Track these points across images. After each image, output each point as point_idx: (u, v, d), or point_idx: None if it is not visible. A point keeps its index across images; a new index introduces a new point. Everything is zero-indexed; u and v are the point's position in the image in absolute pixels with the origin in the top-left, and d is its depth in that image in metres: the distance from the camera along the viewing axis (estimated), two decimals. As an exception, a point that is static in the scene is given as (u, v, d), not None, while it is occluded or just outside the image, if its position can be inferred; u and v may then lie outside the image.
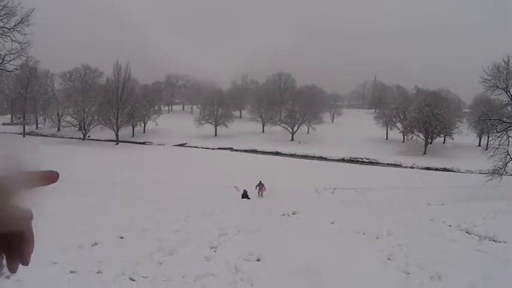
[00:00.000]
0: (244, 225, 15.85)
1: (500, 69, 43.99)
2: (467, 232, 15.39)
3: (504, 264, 11.15)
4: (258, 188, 39.39)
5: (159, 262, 10.98)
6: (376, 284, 9.91)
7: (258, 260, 11.45)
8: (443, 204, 26.49)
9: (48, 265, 10.46)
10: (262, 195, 38.71)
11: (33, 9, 43.45)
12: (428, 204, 27.74)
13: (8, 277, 4.37)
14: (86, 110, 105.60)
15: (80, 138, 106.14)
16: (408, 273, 10.57)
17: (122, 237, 13.67)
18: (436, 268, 10.53)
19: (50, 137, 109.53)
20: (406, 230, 16.01)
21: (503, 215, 19.05)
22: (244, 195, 35.62)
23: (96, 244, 12.66)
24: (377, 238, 14.52)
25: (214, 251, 12.30)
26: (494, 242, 13.65)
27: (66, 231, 14.02)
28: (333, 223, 17.31)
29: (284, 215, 19.56)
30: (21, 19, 42.83)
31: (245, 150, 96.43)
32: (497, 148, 42.80)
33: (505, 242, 13.46)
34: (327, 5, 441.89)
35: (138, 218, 17.50)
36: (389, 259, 11.94)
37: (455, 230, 15.98)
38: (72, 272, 10.03)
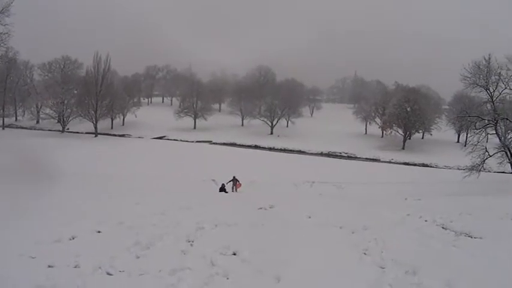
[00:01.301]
0: (221, 219, 15.81)
1: (480, 67, 44.34)
2: (443, 227, 15.56)
3: (480, 260, 11.26)
4: (231, 183, 38.78)
5: (136, 256, 11.04)
6: (352, 278, 10.01)
7: (234, 254, 11.53)
8: (420, 199, 26.66)
9: (27, 259, 10.55)
10: (236, 191, 38.50)
11: (14, 0, 42.93)
12: (406, 199, 27.92)
13: None
14: (65, 102, 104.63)
15: (59, 131, 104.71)
16: (383, 268, 10.70)
17: (99, 231, 13.74)
18: (411, 263, 10.67)
19: (29, 129, 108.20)
20: (382, 224, 16.10)
21: (479, 211, 19.26)
22: (222, 189, 35.57)
23: (73, 238, 12.76)
24: (353, 232, 14.62)
25: (191, 245, 12.33)
26: (470, 238, 13.81)
27: (43, 225, 14.16)
28: (310, 217, 17.38)
29: (261, 208, 19.58)
30: (2, 9, 42.28)
31: (224, 144, 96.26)
32: (475, 145, 43.17)
33: (480, 238, 13.64)
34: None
35: (116, 212, 17.54)
36: (365, 253, 12.06)
37: (431, 225, 16.12)
38: (50, 266, 10.10)
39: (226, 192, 34.67)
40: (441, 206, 21.95)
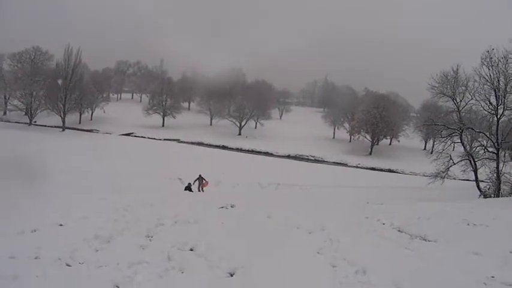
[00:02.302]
0: (182, 216, 16.08)
1: (448, 77, 44.93)
2: (399, 230, 15.94)
3: (429, 262, 11.63)
4: (197, 182, 38.10)
5: (95, 249, 11.24)
6: (304, 275, 10.36)
7: (191, 250, 11.79)
8: (382, 204, 27.11)
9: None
10: (202, 190, 38.10)
11: None
12: (367, 202, 28.39)
13: None
14: (34, 94, 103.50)
15: (26, 123, 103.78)
16: (335, 266, 11.07)
17: (61, 225, 13.88)
18: (362, 263, 11.02)
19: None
20: (339, 226, 16.50)
21: (437, 216, 19.61)
22: (188, 187, 35.63)
23: (35, 231, 12.84)
24: (310, 233, 15.01)
25: (150, 240, 12.59)
26: (424, 241, 14.19)
27: (6, 218, 14.11)
28: (269, 217, 17.73)
29: (223, 207, 19.91)
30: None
31: (192, 143, 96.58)
32: (440, 152, 43.80)
33: (435, 242, 14.01)
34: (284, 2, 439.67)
35: (80, 206, 17.63)
36: (318, 253, 12.44)
37: (388, 228, 16.55)
38: (11, 257, 10.22)
39: (192, 191, 34.75)
40: (401, 211, 22.40)
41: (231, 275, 9.97)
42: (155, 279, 9.39)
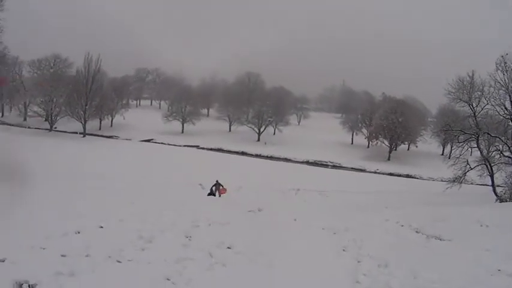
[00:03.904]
0: (214, 219, 17.11)
1: (464, 82, 45.22)
2: (416, 231, 17.13)
3: (444, 257, 12.87)
4: (214, 188, 37.38)
5: (141, 248, 12.28)
6: (332, 268, 11.47)
7: (229, 248, 12.76)
8: (400, 208, 27.70)
9: (38, 250, 11.57)
10: (220, 195, 36.97)
11: None
12: (386, 207, 28.99)
13: (2, 260, 6.02)
14: (54, 100, 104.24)
15: (47, 129, 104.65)
16: (359, 262, 12.15)
17: (101, 227, 14.86)
18: (384, 258, 12.19)
19: (16, 126, 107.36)
20: (361, 227, 17.46)
21: (452, 219, 20.52)
22: (211, 193, 36.02)
23: (78, 232, 13.91)
24: (334, 233, 15.97)
25: (190, 240, 13.62)
26: (439, 240, 15.34)
27: (47, 221, 15.08)
28: (295, 219, 18.59)
29: (251, 211, 20.67)
30: (-5, 4, 42.35)
31: (211, 149, 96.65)
32: (458, 157, 44.01)
33: (449, 240, 15.04)
34: (300, 5, 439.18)
35: (114, 210, 18.59)
36: (344, 250, 13.54)
37: (406, 229, 17.76)
38: (62, 255, 11.10)
39: (215, 196, 35.22)
40: (419, 214, 23.06)
41: (270, 267, 10.98)
42: (203, 272, 10.35)
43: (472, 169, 43.48)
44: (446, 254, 13.13)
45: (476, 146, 44.23)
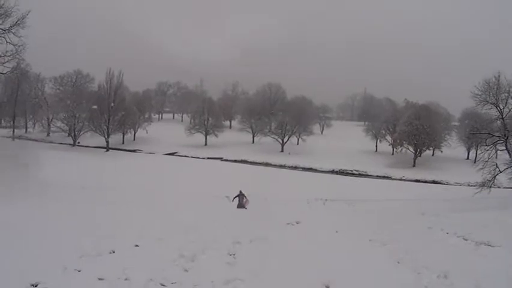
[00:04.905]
0: (254, 234, 16.44)
1: (490, 84, 44.84)
2: (464, 239, 16.70)
3: (502, 265, 12.37)
4: (237, 198, 35.77)
5: (183, 269, 11.58)
6: (393, 281, 10.89)
7: (277, 267, 12.05)
8: (437, 215, 27.12)
9: (73, 273, 10.97)
10: (245, 207, 35.14)
11: (29, 11, 43.37)
12: (423, 214, 28.40)
13: (35, 285, 5.27)
14: (77, 115, 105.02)
15: (70, 144, 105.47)
16: (419, 273, 11.64)
17: (137, 245, 14.17)
18: (441, 268, 11.71)
19: (40, 141, 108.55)
20: (408, 237, 17.00)
21: (494, 223, 20.45)
22: (240, 205, 35.32)
23: (113, 252, 13.22)
24: (384, 245, 15.34)
25: (234, 258, 12.95)
26: (490, 247, 14.88)
27: (79, 239, 14.46)
28: (337, 232, 17.98)
29: (289, 224, 20.06)
30: (17, 21, 42.72)
31: (235, 161, 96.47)
32: (486, 161, 43.43)
33: (500, 246, 14.55)
34: (318, 12, 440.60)
35: (148, 226, 18.05)
36: (398, 262, 12.88)
37: (452, 237, 17.35)
38: (100, 279, 10.54)
39: (246, 209, 34.48)
40: (458, 220, 22.77)
41: (328, 287, 10.33)
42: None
43: (501, 172, 42.91)
44: (502, 261, 12.69)
45: (504, 148, 43.67)
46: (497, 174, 42.93)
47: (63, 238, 14.74)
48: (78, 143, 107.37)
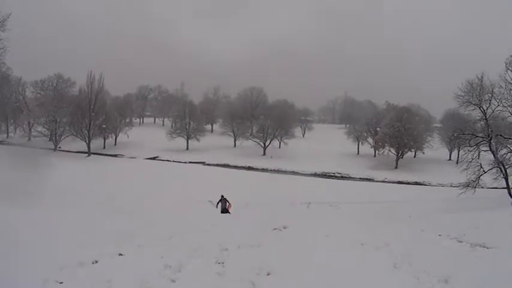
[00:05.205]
0: (241, 240, 15.85)
1: (473, 85, 44.92)
2: (458, 241, 16.52)
3: (501, 267, 12.21)
4: (220, 203, 35.51)
5: (170, 279, 10.97)
6: (392, 287, 10.45)
7: (269, 274, 11.57)
8: (425, 217, 27.05)
9: (54, 285, 10.35)
10: (229, 211, 34.84)
11: (10, 14, 42.69)
12: (409, 216, 28.30)
13: None
14: (58, 120, 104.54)
15: (51, 149, 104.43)
16: (418, 278, 11.24)
17: (121, 254, 13.47)
18: (441, 273, 11.35)
19: (21, 146, 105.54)
20: (402, 240, 16.74)
21: (485, 224, 20.38)
22: (225, 210, 34.86)
23: (96, 262, 12.48)
24: (377, 249, 15.00)
25: (223, 266, 12.33)
26: (486, 248, 14.68)
27: (60, 248, 13.86)
28: (327, 236, 17.54)
29: (276, 229, 19.59)
30: (-3, 23, 42.03)
31: (217, 165, 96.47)
32: (470, 162, 43.50)
33: (496, 248, 14.42)
34: (300, 20, 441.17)
35: (130, 234, 17.42)
36: (395, 267, 12.49)
37: (446, 239, 17.08)
38: (84, 292, 10.01)
39: (230, 213, 34.01)
40: (448, 222, 22.92)
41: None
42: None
43: (485, 172, 42.99)
44: (500, 263, 12.44)
45: (487, 149, 43.89)
46: (481, 175, 42.98)
47: (42, 247, 14.03)
48: (60, 147, 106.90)
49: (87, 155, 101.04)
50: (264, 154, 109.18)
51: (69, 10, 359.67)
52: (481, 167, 43.00)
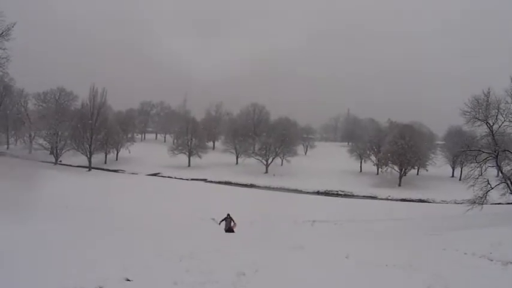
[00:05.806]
0: (257, 262, 14.85)
1: (479, 101, 44.91)
2: (489, 259, 16.15)
3: None
4: (225, 222, 34.48)
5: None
6: None
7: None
8: (440, 234, 26.61)
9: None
10: (233, 231, 33.88)
11: (15, 24, 42.58)
12: (425, 234, 27.99)
13: None
14: (59, 133, 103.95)
15: (52, 162, 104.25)
16: None
17: (128, 279, 12.04)
18: None
19: (22, 158, 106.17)
20: (426, 260, 16.12)
21: (507, 241, 19.50)
22: (229, 229, 33.94)
23: (101, 288, 11.20)
24: (403, 269, 14.32)
25: (243, 294, 11.54)
26: None
27: (60, 272, 12.51)
28: (347, 257, 16.77)
29: (292, 248, 18.82)
30: (1, 33, 41.90)
31: (219, 182, 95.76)
32: (477, 178, 43.34)
33: None
34: (296, 38, 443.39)
35: (137, 255, 16.26)
36: None
37: (472, 257, 16.74)
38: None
39: (234, 232, 33.23)
40: (467, 239, 22.25)
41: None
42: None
43: (492, 188, 42.84)
44: None
45: (494, 164, 43.82)
46: (488, 191, 42.80)
47: (43, 270, 12.71)
48: (60, 161, 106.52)
49: (88, 169, 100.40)
50: (267, 172, 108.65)
51: (79, 29, 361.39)
52: (488, 183, 42.81)
